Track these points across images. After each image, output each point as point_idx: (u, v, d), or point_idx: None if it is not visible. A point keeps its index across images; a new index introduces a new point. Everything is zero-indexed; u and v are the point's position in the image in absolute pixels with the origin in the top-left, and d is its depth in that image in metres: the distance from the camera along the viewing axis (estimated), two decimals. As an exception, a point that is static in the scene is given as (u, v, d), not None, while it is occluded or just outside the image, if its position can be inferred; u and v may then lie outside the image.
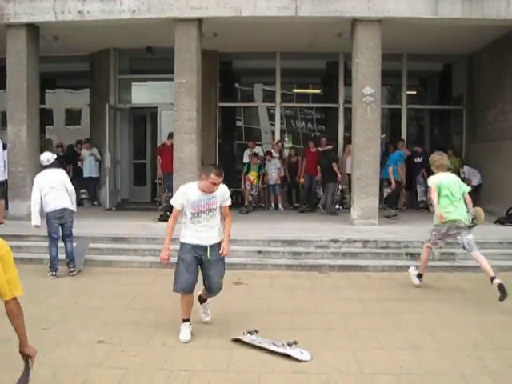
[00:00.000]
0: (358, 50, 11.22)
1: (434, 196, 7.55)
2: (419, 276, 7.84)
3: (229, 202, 5.76)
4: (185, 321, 5.66)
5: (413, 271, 7.90)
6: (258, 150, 14.56)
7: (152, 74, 15.30)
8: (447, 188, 7.51)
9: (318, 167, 13.63)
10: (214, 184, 5.44)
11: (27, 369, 3.52)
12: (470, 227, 7.49)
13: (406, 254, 9.28)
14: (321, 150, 13.89)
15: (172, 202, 5.73)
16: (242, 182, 14.01)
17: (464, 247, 7.57)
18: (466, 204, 7.57)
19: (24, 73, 11.67)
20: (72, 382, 4.52)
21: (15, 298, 3.32)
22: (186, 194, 5.57)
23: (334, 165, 13.26)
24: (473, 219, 7.51)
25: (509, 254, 9.34)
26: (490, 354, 5.22)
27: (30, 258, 9.06)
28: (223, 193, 5.65)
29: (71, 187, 8.62)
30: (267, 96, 16.17)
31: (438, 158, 7.84)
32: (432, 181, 7.66)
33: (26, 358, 3.50)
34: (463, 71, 15.45)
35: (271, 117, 15.93)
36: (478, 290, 7.59)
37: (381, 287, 7.86)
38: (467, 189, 7.80)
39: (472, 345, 5.46)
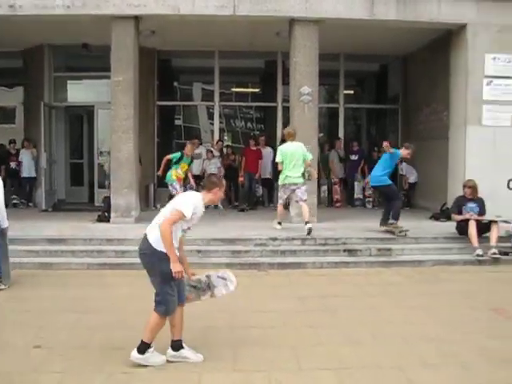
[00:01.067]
0: (296, 50, 11.32)
1: (278, 159, 10.25)
2: (279, 223, 10.42)
3: None
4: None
5: (275, 224, 10.40)
6: (200, 149, 14.43)
7: (88, 71, 15.02)
8: (290, 154, 10.07)
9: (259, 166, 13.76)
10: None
11: None
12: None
13: (344, 250, 9.44)
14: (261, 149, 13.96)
15: (184, 208, 4.77)
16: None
17: (298, 199, 10.23)
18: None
19: (-47, 69, 11.27)
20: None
21: None
22: (198, 206, 4.91)
23: None
24: (308, 176, 10.25)
25: (443, 248, 9.65)
26: (425, 345, 5.37)
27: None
28: None
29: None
30: (206, 95, 16.14)
31: (286, 130, 10.77)
32: (279, 148, 10.52)
33: None
34: (398, 72, 15.84)
35: (210, 116, 15.90)
36: (413, 284, 7.80)
37: (320, 284, 7.96)
38: (310, 157, 10.27)
39: (408, 337, 5.60)
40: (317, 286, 7.86)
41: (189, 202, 4.87)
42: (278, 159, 10.29)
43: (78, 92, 15.84)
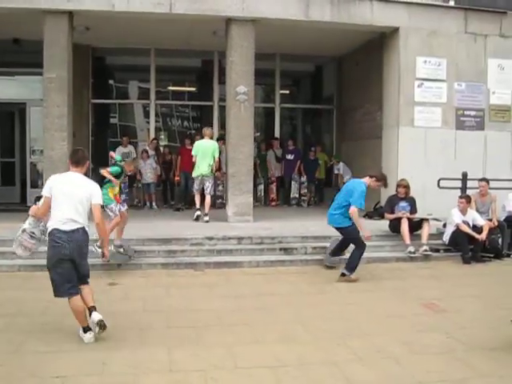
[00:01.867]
0: (232, 49, 11.36)
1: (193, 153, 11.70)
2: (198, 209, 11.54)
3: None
4: None
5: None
6: (129, 148, 14.25)
7: (20, 67, 14.56)
8: (200, 151, 11.51)
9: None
10: None
11: None
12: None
13: (280, 249, 9.53)
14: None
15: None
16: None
17: (205, 190, 11.64)
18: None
19: None
20: None
21: None
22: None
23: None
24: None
25: (376, 246, 9.83)
26: (359, 341, 5.50)
27: None
28: None
29: None
30: (142, 93, 15.99)
31: (204, 129, 12.04)
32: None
33: None
34: (333, 72, 16.12)
35: (146, 114, 15.75)
36: (348, 281, 7.96)
37: (256, 283, 8.02)
38: (217, 155, 11.59)
39: (343, 334, 5.72)
40: (253, 284, 7.92)
41: None
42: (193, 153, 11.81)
43: (9, 88, 15.35)
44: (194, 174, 11.84)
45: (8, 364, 4.86)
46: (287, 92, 17.19)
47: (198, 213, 11.53)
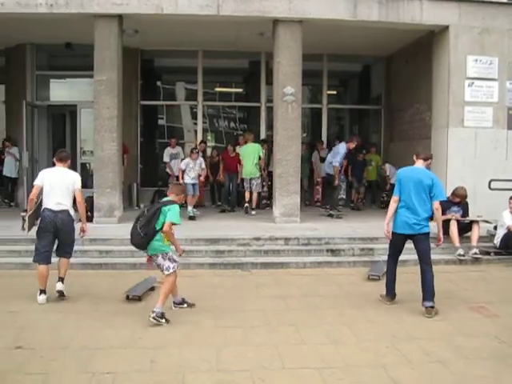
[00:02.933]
0: (280, 50, 11.35)
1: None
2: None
3: None
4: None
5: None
6: (177, 149, 14.41)
7: (71, 70, 14.92)
8: (246, 154, 12.86)
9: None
10: None
11: None
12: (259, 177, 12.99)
13: (327, 250, 9.48)
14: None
15: None
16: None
17: (252, 189, 12.89)
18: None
19: None
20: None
21: None
22: None
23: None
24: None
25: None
26: (407, 344, 5.43)
27: None
28: None
29: None
30: (189, 94, 16.14)
31: (245, 134, 13.58)
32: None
33: None
34: (381, 72, 15.95)
35: (194, 115, 15.89)
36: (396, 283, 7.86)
37: (302, 284, 7.99)
38: (262, 155, 12.88)
39: (391, 336, 5.65)
40: (300, 285, 7.89)
41: None
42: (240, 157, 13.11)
43: (61, 91, 15.75)
44: (243, 175, 13.09)
45: (60, 359, 4.99)
46: (334, 92, 17.11)
47: (247, 205, 12.83)
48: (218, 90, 16.65)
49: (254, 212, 12.75)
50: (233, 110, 16.83)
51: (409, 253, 9.43)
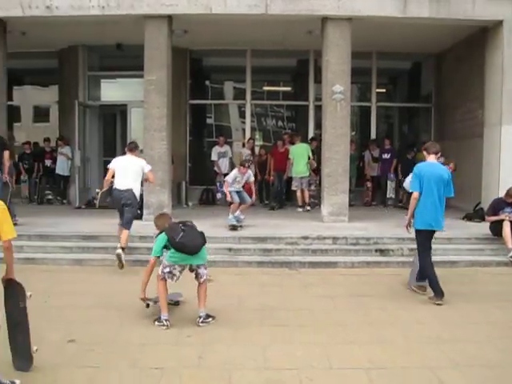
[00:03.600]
0: (328, 48, 11.29)
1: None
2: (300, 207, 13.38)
3: None
4: None
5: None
6: (226, 148, 14.52)
7: (122, 71, 15.15)
8: (295, 154, 13.25)
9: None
10: None
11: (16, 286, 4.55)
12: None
13: (376, 250, 9.39)
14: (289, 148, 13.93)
15: None
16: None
17: (303, 187, 13.33)
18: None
19: (-11, 68, 11.52)
20: (42, 382, 4.48)
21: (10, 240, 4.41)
22: None
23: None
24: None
25: (476, 249, 9.51)
26: (456, 346, 5.33)
27: None
28: None
29: None
30: (238, 93, 16.21)
31: (293, 136, 13.97)
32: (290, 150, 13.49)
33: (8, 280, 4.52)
34: (432, 69, 15.68)
35: (242, 114, 15.94)
36: (445, 285, 7.71)
37: (350, 283, 7.93)
38: (311, 154, 13.28)
39: (438, 338, 5.56)
40: (348, 285, 7.84)
41: None
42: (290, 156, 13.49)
43: (112, 91, 16.05)
44: (293, 174, 13.47)
45: (110, 354, 5.09)
46: (383, 90, 16.89)
47: (300, 204, 13.35)
48: (266, 88, 16.65)
49: (308, 208, 13.19)
50: (281, 108, 16.81)
51: (458, 254, 9.37)
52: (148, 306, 6.31)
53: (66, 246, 9.42)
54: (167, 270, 5.99)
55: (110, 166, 9.01)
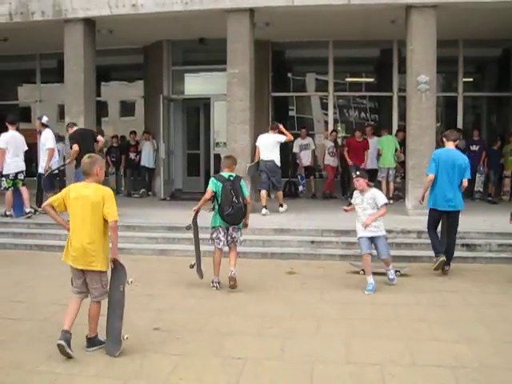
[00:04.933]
0: (412, 37, 11.03)
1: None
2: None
3: None
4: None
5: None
6: (308, 140, 14.47)
7: (205, 64, 15.41)
8: (384, 145, 13.35)
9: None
10: None
11: (120, 268, 4.94)
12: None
13: (462, 244, 9.06)
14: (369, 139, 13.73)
15: None
16: None
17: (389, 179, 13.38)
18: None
19: (81, 66, 11.99)
20: (129, 367, 4.64)
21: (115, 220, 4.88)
22: None
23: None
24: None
25: None
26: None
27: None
28: None
29: None
30: (320, 85, 16.12)
31: (381, 130, 13.84)
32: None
33: (114, 261, 4.92)
34: (522, 57, 15.01)
35: (324, 106, 15.85)
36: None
37: (435, 279, 7.72)
38: (398, 147, 13.33)
39: (530, 338, 5.34)
40: (432, 280, 7.64)
41: None
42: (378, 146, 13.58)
43: (195, 85, 16.32)
44: (380, 165, 13.49)
45: (194, 342, 5.20)
46: (471, 80, 16.32)
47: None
48: (348, 80, 16.48)
49: (391, 201, 12.44)
50: (363, 100, 16.58)
51: None
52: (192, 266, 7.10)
53: (152, 237, 9.67)
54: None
55: (257, 143, 11.44)
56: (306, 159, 14.26)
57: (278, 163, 11.45)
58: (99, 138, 11.00)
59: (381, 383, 4.34)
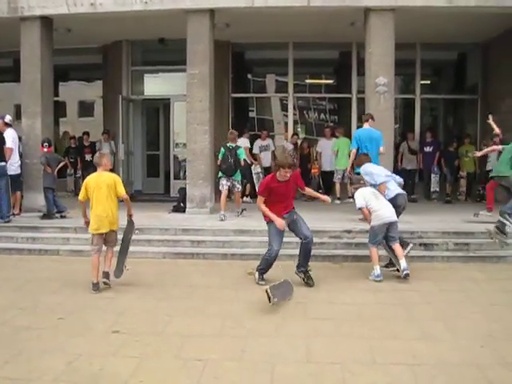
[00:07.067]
0: (371, 40, 11.16)
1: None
2: None
3: None
4: None
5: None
6: (268, 142, 14.50)
7: (164, 65, 15.33)
8: (340, 145, 13.68)
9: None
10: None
11: (132, 222, 7.44)
12: None
13: (420, 244, 9.21)
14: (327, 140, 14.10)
15: None
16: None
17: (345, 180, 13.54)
18: None
19: (38, 66, 11.77)
20: (88, 371, 4.57)
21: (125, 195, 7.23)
22: None
23: None
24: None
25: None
26: (506, 344, 5.19)
27: (45, 249, 9.21)
28: None
29: None
30: (280, 86, 16.17)
31: (338, 128, 14.27)
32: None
33: (130, 216, 7.41)
34: (478, 60, 15.35)
35: (284, 107, 15.92)
36: (492, 281, 7.58)
37: (394, 277, 7.80)
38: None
39: (487, 335, 5.43)
40: (390, 279, 7.73)
41: None
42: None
43: (155, 85, 16.19)
44: (336, 167, 13.65)
45: (154, 344, 5.15)
46: (428, 82, 16.60)
47: (339, 196, 13.39)
48: (308, 81, 16.57)
49: (351, 200, 12.59)
50: (323, 101, 16.71)
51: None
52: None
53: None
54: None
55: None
56: (265, 160, 14.29)
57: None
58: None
59: (341, 382, 4.37)
